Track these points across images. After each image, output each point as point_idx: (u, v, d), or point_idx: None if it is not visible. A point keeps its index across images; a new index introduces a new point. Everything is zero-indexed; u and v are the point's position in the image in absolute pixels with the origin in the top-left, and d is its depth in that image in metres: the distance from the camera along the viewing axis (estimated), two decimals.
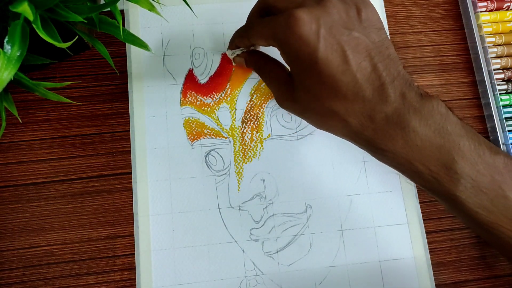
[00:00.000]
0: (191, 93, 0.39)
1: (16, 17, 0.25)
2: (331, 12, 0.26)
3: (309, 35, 0.25)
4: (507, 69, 0.42)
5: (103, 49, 0.31)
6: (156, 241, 0.36)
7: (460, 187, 0.25)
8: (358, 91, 0.25)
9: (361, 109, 0.26)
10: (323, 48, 0.25)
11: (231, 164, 0.38)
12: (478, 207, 0.25)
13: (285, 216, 0.37)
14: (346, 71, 0.25)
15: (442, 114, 0.26)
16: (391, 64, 0.26)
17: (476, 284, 0.38)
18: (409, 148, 0.25)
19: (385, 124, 0.26)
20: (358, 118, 0.26)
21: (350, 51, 0.25)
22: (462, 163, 0.25)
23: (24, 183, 0.37)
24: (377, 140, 0.26)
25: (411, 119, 0.25)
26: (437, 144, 0.25)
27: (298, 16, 0.25)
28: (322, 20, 0.25)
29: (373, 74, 0.26)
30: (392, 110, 0.25)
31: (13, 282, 0.35)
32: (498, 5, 0.43)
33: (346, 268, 0.37)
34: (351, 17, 0.26)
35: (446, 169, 0.25)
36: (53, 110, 0.38)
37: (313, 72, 0.26)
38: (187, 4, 0.33)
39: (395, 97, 0.25)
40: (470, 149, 0.25)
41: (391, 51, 0.27)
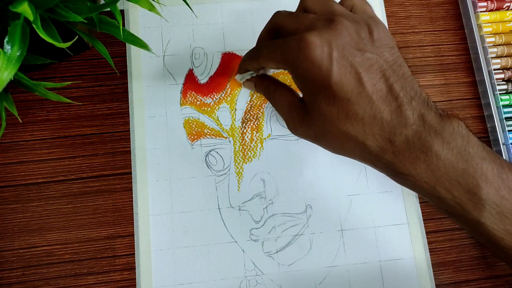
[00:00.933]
0: (191, 93, 0.39)
1: (16, 17, 0.25)
2: (343, 34, 0.25)
3: (322, 59, 0.25)
4: (507, 69, 0.42)
5: (103, 49, 0.31)
6: (156, 241, 0.36)
7: (485, 213, 0.24)
8: (376, 113, 0.25)
9: (379, 131, 0.25)
10: (336, 71, 0.25)
11: (231, 164, 0.38)
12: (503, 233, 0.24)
13: (285, 216, 0.37)
14: (362, 93, 0.25)
15: (463, 136, 0.25)
16: (407, 83, 0.26)
17: (476, 284, 0.38)
18: (431, 173, 0.25)
19: (406, 148, 0.25)
20: (377, 141, 0.25)
21: (364, 72, 0.25)
22: (486, 188, 0.24)
23: (24, 183, 0.37)
24: (398, 164, 0.25)
25: (433, 142, 0.24)
26: (460, 169, 0.24)
27: (309, 40, 0.25)
28: (334, 43, 0.25)
29: (389, 95, 0.25)
30: (412, 132, 0.25)
31: (13, 282, 0.35)
32: (498, 5, 0.43)
33: (346, 268, 0.37)
34: (363, 38, 0.26)
35: (470, 195, 0.24)
36: (53, 110, 0.38)
37: (328, 95, 0.25)
38: (187, 4, 0.33)
39: (414, 119, 0.25)
40: (493, 173, 0.24)
41: (405, 69, 0.26)
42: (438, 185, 0.25)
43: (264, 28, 0.31)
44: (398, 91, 0.25)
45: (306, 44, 0.25)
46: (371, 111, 0.25)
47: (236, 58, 0.40)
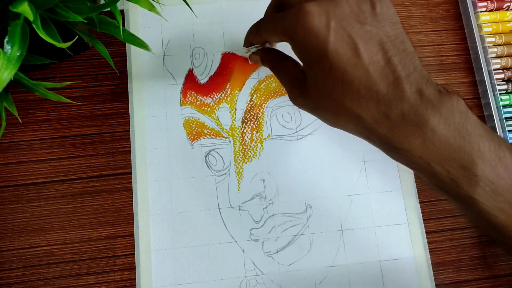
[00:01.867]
0: (191, 93, 0.39)
1: (16, 17, 0.25)
2: (343, 5, 0.25)
3: (319, 28, 0.24)
4: (507, 69, 0.42)
5: (103, 49, 0.31)
6: (156, 241, 0.36)
7: (479, 189, 0.24)
8: (371, 86, 0.25)
9: (375, 104, 0.25)
10: (333, 41, 0.24)
11: (231, 164, 0.38)
12: (496, 211, 0.24)
13: (285, 216, 0.37)
14: (358, 64, 0.24)
15: (462, 112, 0.24)
16: (407, 58, 0.25)
17: (476, 284, 0.38)
18: (426, 148, 0.24)
19: (401, 122, 0.24)
20: (372, 114, 0.25)
21: (362, 44, 0.25)
22: (481, 165, 0.24)
23: (24, 183, 0.37)
24: (393, 138, 0.25)
25: (430, 117, 0.24)
26: (456, 145, 0.24)
27: (307, 9, 0.25)
28: (332, 13, 0.25)
29: (386, 68, 0.25)
30: (408, 106, 0.24)
31: (13, 282, 0.35)
32: (498, 5, 0.43)
33: (346, 268, 0.37)
34: (364, 11, 0.25)
35: (465, 171, 0.24)
36: (53, 110, 0.38)
37: (324, 66, 0.25)
38: (187, 4, 0.33)
39: (412, 93, 0.24)
40: (490, 150, 0.24)
41: (407, 45, 0.26)
42: (433, 160, 0.25)
43: (269, 5, 0.31)
44: (396, 65, 0.25)
45: (303, 13, 0.25)
46: (367, 83, 0.25)
47: (236, 58, 0.40)
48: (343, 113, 0.26)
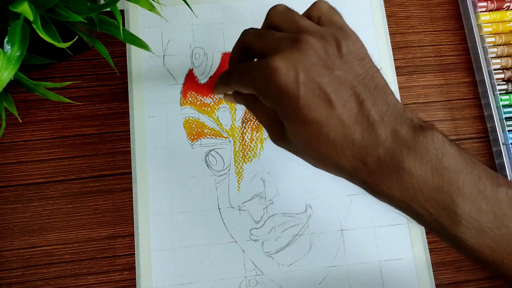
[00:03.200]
0: (191, 93, 0.39)
1: (16, 17, 0.25)
2: (309, 54, 0.24)
3: (288, 84, 0.24)
4: (507, 69, 0.42)
5: (103, 49, 0.31)
6: (156, 241, 0.36)
7: (461, 228, 0.24)
8: (347, 135, 0.24)
9: (351, 152, 0.25)
10: (304, 95, 0.24)
11: (231, 164, 0.38)
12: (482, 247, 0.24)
13: (285, 216, 0.37)
14: (332, 115, 0.24)
15: (438, 148, 0.24)
16: (379, 97, 0.25)
17: (476, 284, 0.38)
18: (405, 191, 0.24)
19: (378, 167, 0.24)
20: (350, 162, 0.25)
21: (334, 93, 0.24)
22: (462, 203, 0.23)
23: (24, 183, 0.37)
24: (372, 183, 0.25)
25: (405, 159, 0.24)
26: (434, 185, 0.24)
27: (273, 66, 0.24)
28: (300, 65, 0.24)
29: (360, 114, 0.24)
30: (384, 151, 0.24)
31: (13, 282, 0.35)
32: (498, 5, 0.43)
33: (346, 268, 0.37)
34: (330, 55, 0.25)
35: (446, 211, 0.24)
36: (53, 110, 0.38)
37: (298, 119, 0.25)
38: (187, 4, 0.33)
39: (386, 136, 0.24)
40: (470, 185, 0.24)
41: (378, 80, 0.26)
42: (413, 202, 0.24)
43: (234, 47, 0.30)
44: (369, 109, 0.24)
45: (271, 70, 0.24)
46: (342, 133, 0.24)
47: None
48: (322, 161, 0.26)
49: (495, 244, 0.24)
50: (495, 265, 0.24)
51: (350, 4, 0.42)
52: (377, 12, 0.42)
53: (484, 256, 0.24)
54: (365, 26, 0.42)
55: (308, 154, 0.27)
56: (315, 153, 0.26)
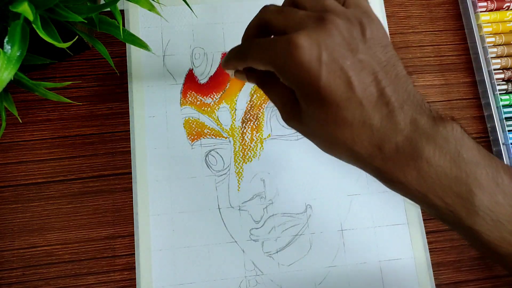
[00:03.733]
0: (191, 93, 0.39)
1: (16, 17, 0.25)
2: (333, 34, 0.24)
3: (310, 62, 0.23)
4: (507, 69, 0.42)
5: (103, 49, 0.31)
6: (156, 241, 0.36)
7: (479, 220, 0.23)
8: (365, 119, 0.24)
9: (368, 138, 0.24)
10: (325, 75, 0.23)
11: (231, 164, 0.38)
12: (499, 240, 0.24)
13: (285, 216, 0.37)
14: (352, 98, 0.24)
15: (457, 139, 0.24)
16: (400, 85, 0.25)
17: (476, 284, 0.38)
18: (422, 180, 0.24)
19: (396, 155, 0.24)
20: (366, 148, 0.24)
21: (355, 76, 0.24)
22: (480, 194, 0.23)
23: (24, 183, 0.37)
24: (387, 171, 0.25)
25: (425, 148, 0.23)
26: (453, 176, 0.23)
27: (297, 43, 0.23)
28: (323, 45, 0.23)
29: (380, 100, 0.24)
30: (403, 139, 0.24)
31: (13, 282, 0.35)
32: (498, 5, 0.43)
33: (346, 268, 0.37)
34: (355, 38, 0.24)
35: (463, 202, 0.23)
36: (53, 110, 0.38)
37: (317, 99, 0.24)
38: (187, 4, 0.33)
39: (406, 124, 0.24)
40: (488, 178, 0.24)
41: (399, 69, 0.25)
42: (430, 192, 0.24)
43: (251, 23, 0.29)
44: (389, 96, 0.24)
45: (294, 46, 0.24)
46: (360, 117, 0.24)
47: None
48: (336, 145, 0.26)
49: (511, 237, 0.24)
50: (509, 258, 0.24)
51: None
52: (377, 12, 0.42)
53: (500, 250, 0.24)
54: None
55: (322, 137, 0.26)
56: (330, 136, 0.25)
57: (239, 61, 0.30)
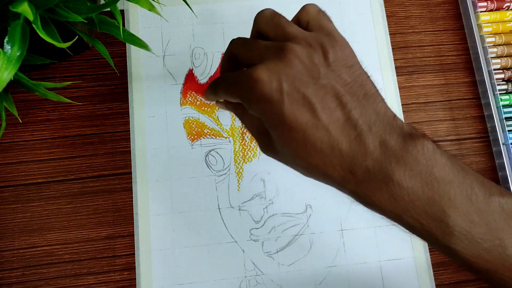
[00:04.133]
0: (191, 93, 0.39)
1: (16, 17, 0.25)
2: (293, 63, 0.24)
3: (271, 95, 0.24)
4: (507, 69, 0.42)
5: (103, 49, 0.31)
6: (156, 241, 0.36)
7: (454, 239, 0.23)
8: (334, 145, 0.24)
9: (339, 162, 0.24)
10: (288, 105, 0.24)
11: (231, 164, 0.38)
12: (475, 257, 0.24)
13: (285, 216, 0.37)
14: (318, 126, 0.24)
15: (428, 158, 0.23)
16: (368, 105, 0.24)
17: (476, 284, 0.38)
18: (395, 203, 0.24)
19: (367, 178, 0.24)
20: (338, 172, 0.24)
21: (319, 103, 0.24)
22: (453, 215, 0.23)
23: (24, 183, 0.37)
24: (361, 194, 0.25)
25: (394, 171, 0.23)
26: (425, 197, 0.23)
27: (256, 77, 0.24)
28: (283, 75, 0.24)
29: (347, 124, 0.24)
30: (372, 162, 0.23)
31: (13, 282, 0.35)
32: (498, 5, 0.43)
33: (346, 268, 0.37)
34: (316, 64, 0.24)
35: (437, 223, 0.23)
36: (53, 110, 0.38)
37: (284, 129, 0.24)
38: (187, 4, 0.33)
39: (375, 147, 0.24)
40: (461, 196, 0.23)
41: (367, 88, 0.25)
42: (404, 214, 0.24)
43: (224, 56, 0.30)
44: (356, 118, 0.24)
45: (254, 81, 0.24)
46: (329, 142, 0.24)
47: None
48: (311, 170, 0.26)
49: (488, 255, 0.23)
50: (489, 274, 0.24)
51: (350, 4, 0.42)
52: (377, 12, 0.42)
53: (478, 266, 0.24)
54: (365, 26, 0.42)
55: (297, 163, 0.26)
56: (303, 162, 0.25)
57: (214, 95, 0.31)
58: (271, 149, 0.28)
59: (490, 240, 0.23)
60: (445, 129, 0.41)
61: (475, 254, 0.23)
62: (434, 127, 0.41)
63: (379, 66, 0.41)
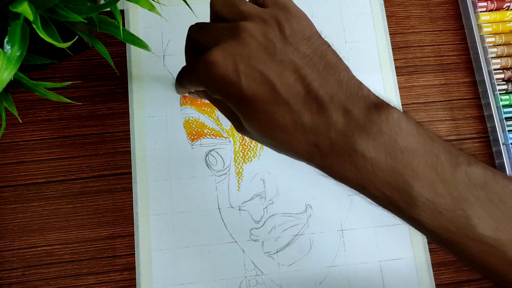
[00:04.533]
0: None
1: (16, 17, 0.25)
2: (248, 42, 0.24)
3: (229, 76, 0.23)
4: (507, 69, 0.42)
5: (103, 49, 0.31)
6: (156, 241, 0.36)
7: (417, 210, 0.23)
8: (296, 120, 0.23)
9: (304, 137, 0.24)
10: (246, 84, 0.23)
11: (231, 164, 0.38)
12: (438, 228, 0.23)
13: (285, 216, 0.37)
14: (278, 101, 0.23)
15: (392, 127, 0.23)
16: (329, 76, 0.24)
17: (476, 284, 0.38)
18: (359, 174, 0.23)
19: (331, 151, 0.23)
20: (303, 147, 0.24)
21: (277, 78, 0.23)
22: (417, 186, 0.23)
23: (24, 183, 0.37)
24: (327, 167, 0.24)
25: (358, 141, 0.23)
26: (388, 168, 0.23)
27: (212, 60, 0.24)
28: (238, 55, 0.23)
29: (307, 96, 0.23)
30: (336, 133, 0.23)
31: (13, 282, 0.35)
32: (498, 5, 0.43)
33: (346, 268, 0.37)
34: (271, 40, 0.24)
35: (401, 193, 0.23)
36: (53, 110, 0.38)
37: (246, 109, 0.24)
38: (187, 4, 0.33)
39: (337, 118, 0.23)
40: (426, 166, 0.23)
41: (328, 58, 0.24)
42: (368, 185, 0.23)
43: (185, 44, 0.30)
44: (317, 90, 0.23)
45: (209, 64, 0.24)
46: (291, 118, 0.24)
47: None
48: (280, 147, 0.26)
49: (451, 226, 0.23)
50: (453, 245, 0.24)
51: (350, 4, 0.42)
52: (377, 12, 0.42)
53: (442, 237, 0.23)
54: (365, 26, 0.42)
55: (265, 141, 0.26)
56: (270, 140, 0.25)
57: (182, 87, 0.30)
58: (242, 129, 0.27)
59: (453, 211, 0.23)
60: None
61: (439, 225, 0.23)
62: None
63: (379, 66, 0.41)
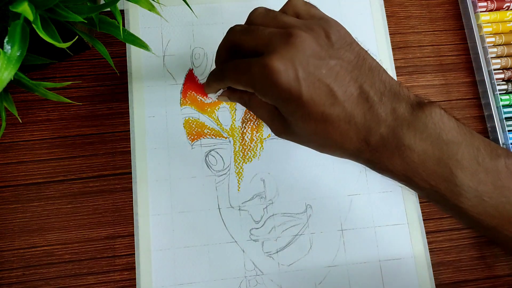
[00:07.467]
0: (191, 93, 0.39)
1: (16, 17, 0.25)
2: (303, 48, 0.25)
3: (289, 83, 0.24)
4: (507, 69, 0.42)
5: (103, 49, 0.31)
6: (156, 241, 0.36)
7: (462, 198, 0.25)
8: (350, 119, 0.25)
9: (356, 134, 0.26)
10: (306, 91, 0.25)
11: (231, 164, 0.38)
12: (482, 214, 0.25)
13: (285, 216, 0.37)
14: (335, 104, 0.25)
15: (436, 122, 0.25)
16: (375, 77, 0.26)
17: (476, 284, 0.38)
18: (407, 166, 0.25)
19: (381, 146, 0.25)
20: (354, 144, 0.26)
21: (333, 82, 0.25)
22: (461, 175, 0.24)
23: (24, 183, 0.37)
24: (375, 162, 0.26)
25: (405, 135, 0.25)
26: (434, 158, 0.25)
27: (273, 67, 0.24)
28: (297, 62, 0.24)
29: (360, 97, 0.25)
30: (385, 129, 0.25)
31: (13, 282, 0.35)
32: (498, 5, 0.43)
33: (346, 268, 0.37)
34: (322, 46, 0.25)
35: (446, 183, 0.25)
36: (53, 110, 0.38)
37: (303, 113, 0.26)
38: (187, 4, 0.33)
39: (387, 115, 0.25)
40: (469, 157, 0.25)
41: (369, 61, 0.27)
42: (415, 176, 0.25)
43: (221, 46, 0.30)
44: (367, 91, 0.25)
45: (270, 71, 0.24)
46: (345, 118, 0.25)
47: None
48: (329, 146, 0.27)
49: (495, 212, 0.25)
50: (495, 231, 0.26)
51: (350, 4, 0.42)
52: (377, 12, 0.42)
53: (485, 224, 0.25)
54: (365, 26, 0.42)
55: (315, 142, 0.28)
56: (320, 139, 0.27)
57: (219, 82, 0.31)
58: (285, 132, 0.29)
59: (497, 198, 0.25)
60: None
61: (482, 212, 0.25)
62: None
63: None
